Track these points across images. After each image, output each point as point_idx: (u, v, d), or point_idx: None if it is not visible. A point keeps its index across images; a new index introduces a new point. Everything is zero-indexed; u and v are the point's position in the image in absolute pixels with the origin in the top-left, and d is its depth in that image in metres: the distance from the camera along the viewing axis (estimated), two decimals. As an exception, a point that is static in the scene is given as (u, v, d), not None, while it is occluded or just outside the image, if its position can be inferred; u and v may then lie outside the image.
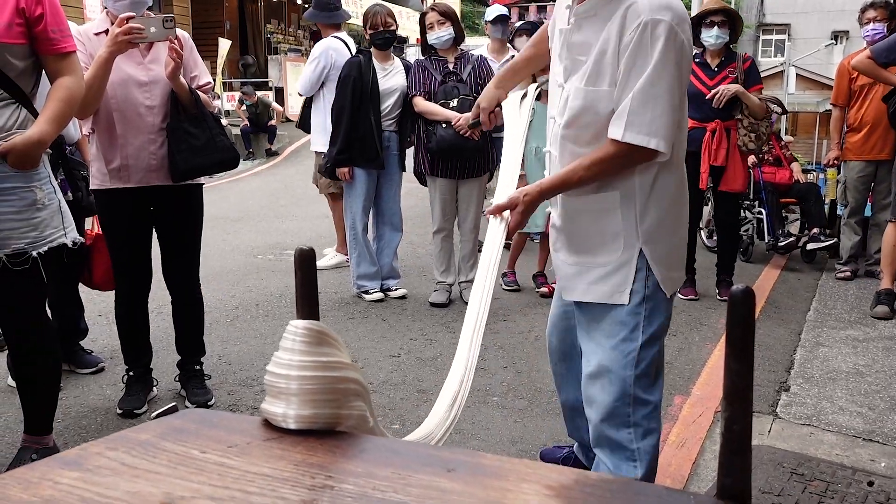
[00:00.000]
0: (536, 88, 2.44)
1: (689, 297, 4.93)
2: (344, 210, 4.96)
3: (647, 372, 2.02)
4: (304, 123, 5.78)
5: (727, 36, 4.74)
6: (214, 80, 14.61)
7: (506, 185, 2.14)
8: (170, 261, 3.24)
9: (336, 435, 0.72)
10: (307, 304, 0.80)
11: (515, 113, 2.34)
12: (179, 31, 2.97)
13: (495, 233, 2.00)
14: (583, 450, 2.61)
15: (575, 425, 2.52)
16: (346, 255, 5.48)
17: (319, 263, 5.78)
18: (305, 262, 0.80)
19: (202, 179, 3.23)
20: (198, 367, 3.34)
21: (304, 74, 5.44)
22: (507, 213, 2.03)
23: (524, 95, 2.41)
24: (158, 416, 0.75)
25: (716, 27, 4.69)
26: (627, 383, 2.00)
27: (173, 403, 0.81)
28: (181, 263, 3.24)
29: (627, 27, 1.83)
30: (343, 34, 5.50)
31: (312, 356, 0.74)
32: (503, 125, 2.39)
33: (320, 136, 5.44)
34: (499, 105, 2.41)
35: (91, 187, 3.12)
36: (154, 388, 3.33)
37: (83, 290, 3.64)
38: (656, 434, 2.09)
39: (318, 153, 5.55)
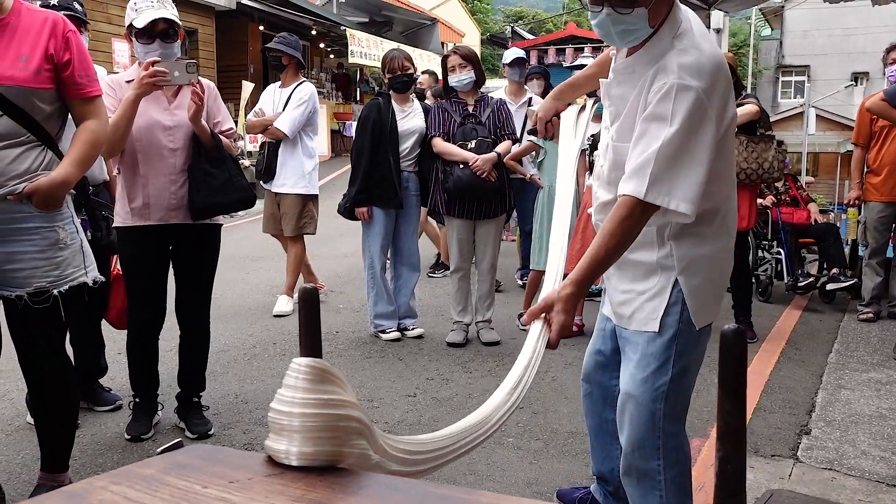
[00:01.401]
0: (594, 104, 2.45)
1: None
2: (362, 249, 5.00)
3: (676, 405, 2.09)
4: (269, 170, 5.43)
5: None
6: (237, 121, 14.87)
7: (563, 204, 2.17)
8: (184, 296, 3.35)
9: (336, 471, 0.73)
10: (310, 343, 0.82)
11: (571, 127, 2.35)
12: (205, 81, 3.15)
13: (535, 336, 1.79)
14: (601, 487, 2.60)
15: (598, 454, 2.55)
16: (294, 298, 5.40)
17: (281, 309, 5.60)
18: (308, 301, 0.82)
19: (220, 219, 3.34)
20: (196, 399, 3.43)
21: (292, 116, 5.29)
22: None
23: (581, 108, 2.40)
24: (164, 451, 0.76)
25: None
26: (657, 416, 2.06)
27: (179, 439, 0.82)
28: (194, 298, 3.35)
29: (653, 86, 1.83)
30: None
31: (315, 394, 0.75)
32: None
33: (301, 179, 5.38)
34: (556, 115, 2.42)
35: (114, 224, 3.25)
36: (158, 413, 3.43)
37: (104, 328, 3.69)
38: (685, 462, 2.15)
39: (298, 195, 5.41)
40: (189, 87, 3.05)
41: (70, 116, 2.56)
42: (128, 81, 3.13)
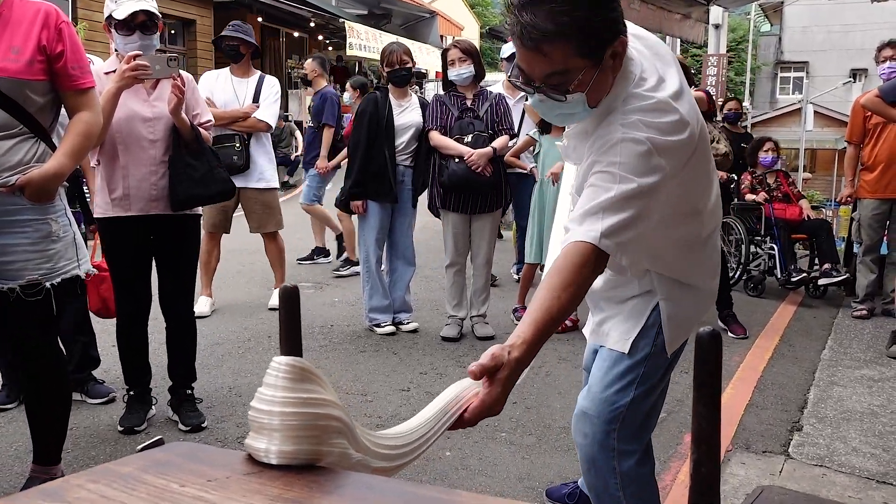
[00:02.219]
0: None
1: None
2: (358, 243, 5.00)
3: (632, 425, 2.02)
4: (247, 165, 5.14)
5: None
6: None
7: (566, 196, 2.09)
8: (166, 287, 3.38)
9: (315, 470, 0.73)
10: (290, 341, 0.82)
11: None
12: (184, 73, 3.17)
13: (457, 390, 1.38)
14: None
15: None
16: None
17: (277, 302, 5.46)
18: (289, 299, 0.82)
19: (198, 209, 3.40)
20: (189, 391, 3.43)
21: (272, 110, 5.21)
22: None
23: None
24: (143, 449, 0.76)
25: None
26: (611, 437, 1.99)
27: (160, 437, 0.83)
28: (175, 288, 3.37)
29: (596, 144, 1.68)
30: None
31: (294, 392, 0.75)
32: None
33: (275, 173, 5.37)
34: None
35: (95, 215, 3.29)
36: (153, 408, 3.43)
37: (97, 320, 3.69)
38: (644, 477, 2.08)
39: (276, 189, 5.37)
40: (169, 79, 3.07)
41: (63, 108, 2.56)
42: (106, 73, 3.16)
